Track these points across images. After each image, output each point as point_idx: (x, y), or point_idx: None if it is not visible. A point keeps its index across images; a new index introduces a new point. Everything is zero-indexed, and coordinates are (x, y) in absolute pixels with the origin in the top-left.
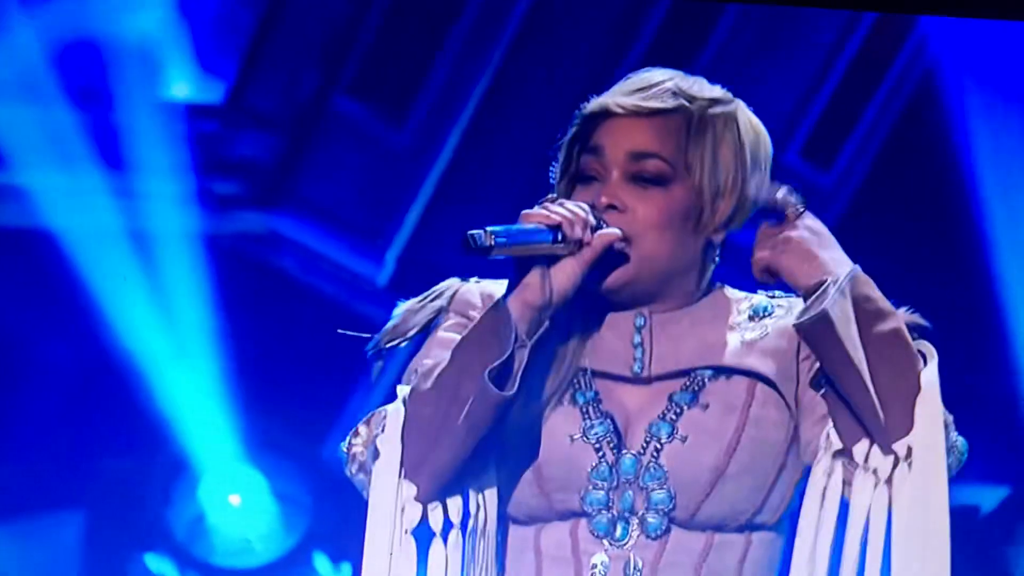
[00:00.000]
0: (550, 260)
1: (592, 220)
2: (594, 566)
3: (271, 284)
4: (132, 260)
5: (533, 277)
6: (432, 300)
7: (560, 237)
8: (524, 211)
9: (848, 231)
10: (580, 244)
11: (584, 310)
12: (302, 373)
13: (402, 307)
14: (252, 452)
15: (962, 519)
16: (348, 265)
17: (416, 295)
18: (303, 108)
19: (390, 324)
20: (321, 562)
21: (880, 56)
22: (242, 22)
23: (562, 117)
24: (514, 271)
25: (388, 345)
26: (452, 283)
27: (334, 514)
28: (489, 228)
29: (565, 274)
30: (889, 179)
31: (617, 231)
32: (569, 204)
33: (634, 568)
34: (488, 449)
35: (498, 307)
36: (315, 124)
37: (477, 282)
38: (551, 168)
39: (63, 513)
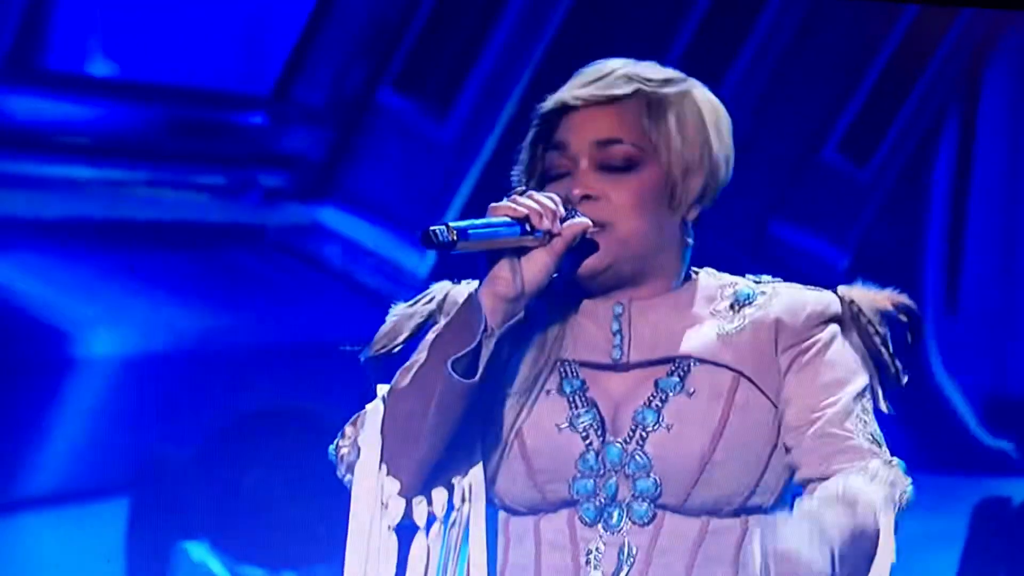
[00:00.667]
0: (521, 252)
1: (562, 211)
2: (589, 552)
3: (315, 275)
4: (175, 250)
5: (503, 269)
6: (424, 304)
7: (529, 229)
8: (492, 204)
9: (884, 227)
10: (551, 235)
11: (564, 300)
12: (343, 362)
13: (394, 312)
14: (289, 437)
15: (994, 510)
16: (391, 256)
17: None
18: (349, 102)
19: (383, 330)
20: None
21: (920, 51)
22: (290, 14)
23: None
24: (486, 264)
25: (382, 351)
26: (443, 286)
27: None
28: (452, 223)
29: (536, 265)
30: (926, 175)
31: (587, 220)
32: (537, 195)
33: (628, 553)
34: (471, 439)
35: (470, 300)
36: (360, 117)
37: (468, 283)
38: (511, 174)
39: (106, 501)
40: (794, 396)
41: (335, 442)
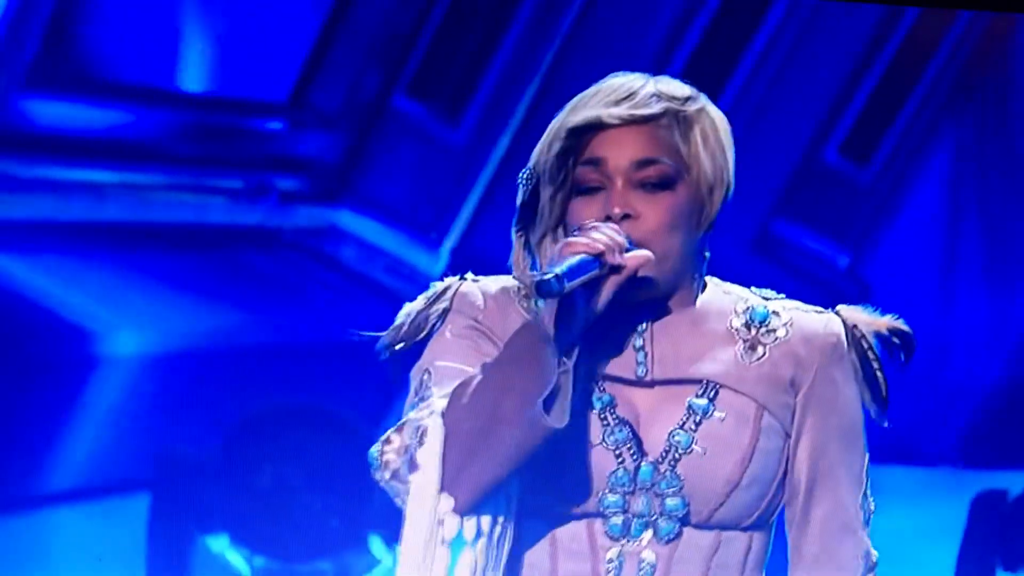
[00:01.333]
0: (588, 282)
1: (624, 242)
2: (610, 560)
3: (330, 276)
4: (194, 252)
5: (576, 302)
6: (435, 302)
7: (602, 263)
8: (568, 240)
9: (885, 227)
10: (618, 267)
11: None
12: (358, 360)
13: (405, 309)
14: (306, 434)
15: (990, 504)
16: (405, 258)
17: None
18: (364, 107)
19: (396, 326)
20: (376, 545)
21: (920, 53)
22: (306, 22)
23: None
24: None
25: (398, 349)
26: (451, 282)
27: (389, 497)
28: (556, 270)
29: (603, 296)
30: (927, 175)
31: (649, 253)
32: (605, 229)
33: (648, 563)
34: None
35: (536, 328)
36: (375, 122)
37: (475, 280)
38: (523, 179)
39: (127, 496)
40: (809, 446)
41: (378, 446)
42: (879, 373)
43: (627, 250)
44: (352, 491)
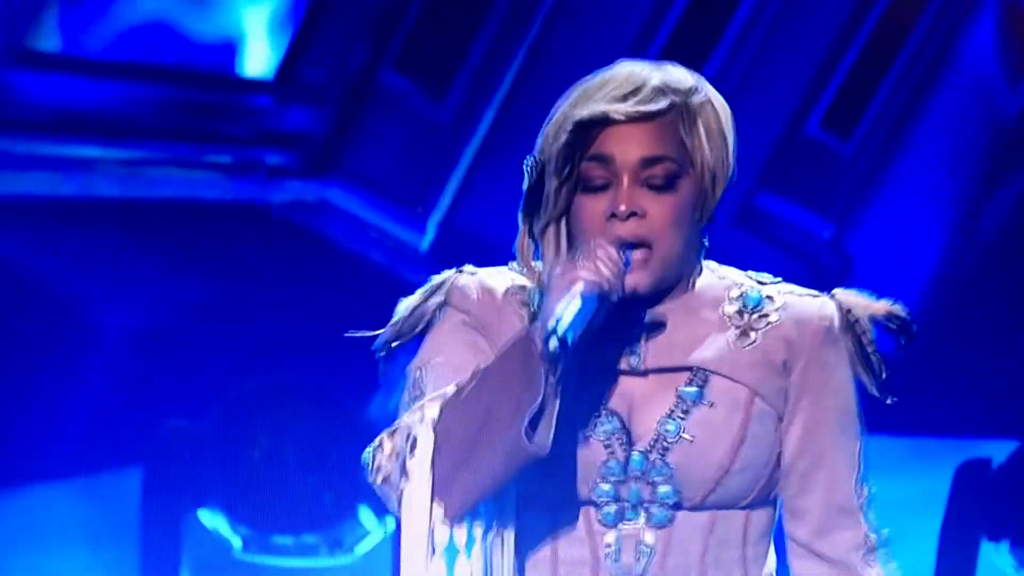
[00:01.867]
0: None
1: (621, 265)
2: (608, 545)
3: (320, 250)
4: (185, 227)
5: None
6: (431, 296)
7: (602, 298)
8: (571, 273)
9: (868, 199)
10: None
11: None
12: (348, 336)
13: (403, 304)
14: (297, 408)
15: (975, 472)
16: (392, 232)
17: (456, 259)
18: (351, 82)
19: (394, 322)
20: (366, 516)
21: (900, 25)
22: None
23: None
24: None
25: (395, 345)
26: (447, 275)
27: None
28: (559, 330)
29: (595, 320)
30: (909, 147)
31: (645, 277)
32: (603, 255)
33: (646, 546)
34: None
35: (527, 344)
36: (362, 98)
37: (472, 273)
38: (526, 165)
39: (122, 471)
40: (802, 429)
41: (370, 450)
42: (874, 356)
43: (626, 266)
44: (342, 465)
